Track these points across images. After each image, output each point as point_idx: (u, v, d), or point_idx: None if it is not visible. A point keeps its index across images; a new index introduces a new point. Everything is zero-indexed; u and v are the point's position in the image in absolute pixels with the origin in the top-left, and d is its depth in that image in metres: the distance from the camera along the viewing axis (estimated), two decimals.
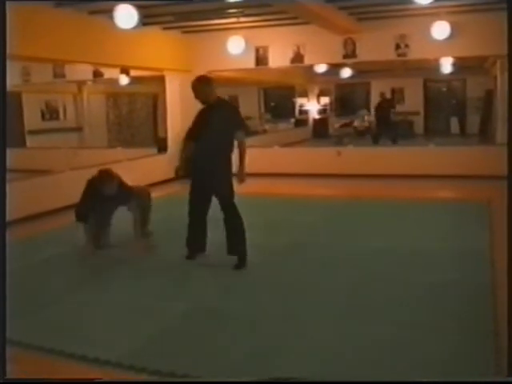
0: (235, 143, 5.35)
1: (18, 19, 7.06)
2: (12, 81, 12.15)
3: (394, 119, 15.44)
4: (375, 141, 14.50)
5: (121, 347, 3.65)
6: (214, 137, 5.20)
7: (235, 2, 8.35)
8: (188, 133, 5.44)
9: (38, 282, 5.17)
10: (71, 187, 8.67)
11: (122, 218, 5.95)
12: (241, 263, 5.32)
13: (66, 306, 4.51)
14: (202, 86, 5.34)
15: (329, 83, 19.89)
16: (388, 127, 14.82)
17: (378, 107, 15.38)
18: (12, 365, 2.88)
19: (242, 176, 5.39)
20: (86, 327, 4.08)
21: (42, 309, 4.43)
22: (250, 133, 17.96)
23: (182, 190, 9.32)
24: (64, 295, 4.74)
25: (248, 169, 5.36)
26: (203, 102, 5.36)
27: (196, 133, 5.33)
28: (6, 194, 2.92)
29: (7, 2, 2.73)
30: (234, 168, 5.39)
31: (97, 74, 11.99)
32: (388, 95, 18.55)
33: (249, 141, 5.69)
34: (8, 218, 7.40)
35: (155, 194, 7.12)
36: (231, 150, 5.35)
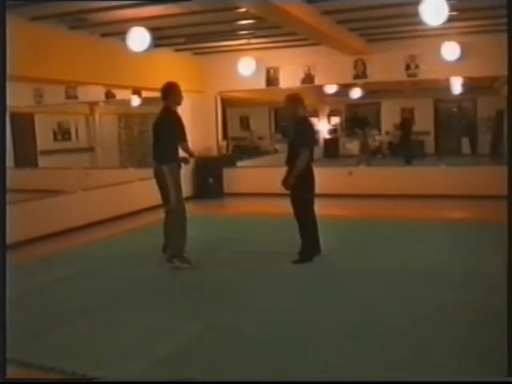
0: None
1: (32, 41, 7.18)
2: (25, 102, 12.30)
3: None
4: (408, 160, 14.52)
5: None
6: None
7: (246, 24, 8.44)
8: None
9: (53, 302, 5.12)
10: (83, 207, 8.76)
11: None
12: None
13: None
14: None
15: (339, 103, 19.97)
16: (406, 146, 14.98)
17: (402, 126, 15.45)
18: None
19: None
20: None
21: (58, 328, 4.39)
22: (261, 152, 18.06)
23: (197, 208, 9.41)
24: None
25: (259, 189, 5.37)
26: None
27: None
28: (5, 214, 2.93)
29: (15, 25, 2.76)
30: None
31: (109, 96, 12.11)
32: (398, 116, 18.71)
33: (259, 161, 5.76)
34: (20, 238, 7.41)
35: None
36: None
